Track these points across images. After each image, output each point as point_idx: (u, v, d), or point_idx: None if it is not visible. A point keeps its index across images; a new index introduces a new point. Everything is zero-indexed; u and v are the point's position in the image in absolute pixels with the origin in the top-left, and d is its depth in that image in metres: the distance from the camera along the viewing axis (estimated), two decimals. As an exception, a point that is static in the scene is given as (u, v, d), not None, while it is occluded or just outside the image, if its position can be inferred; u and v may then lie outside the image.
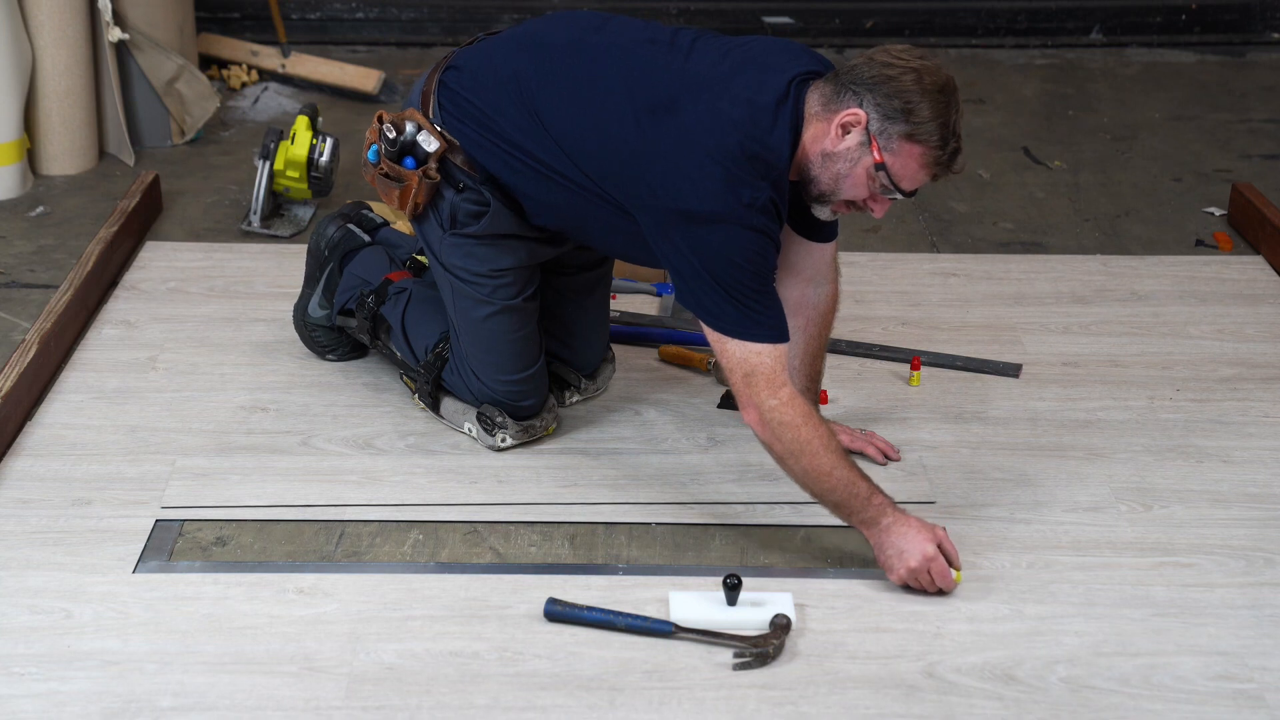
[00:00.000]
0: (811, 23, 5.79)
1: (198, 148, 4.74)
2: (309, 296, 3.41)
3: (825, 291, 3.06)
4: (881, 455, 3.10)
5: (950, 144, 2.66)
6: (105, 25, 4.45)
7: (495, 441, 3.10)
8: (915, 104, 2.62)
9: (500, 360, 3.07)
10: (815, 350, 3.08)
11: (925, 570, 2.66)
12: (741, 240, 2.68)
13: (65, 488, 2.98)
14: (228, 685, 2.48)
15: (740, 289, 2.69)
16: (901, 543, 2.67)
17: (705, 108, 2.71)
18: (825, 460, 2.68)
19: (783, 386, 2.70)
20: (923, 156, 2.66)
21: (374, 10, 5.72)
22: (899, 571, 2.68)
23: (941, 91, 2.63)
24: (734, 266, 2.69)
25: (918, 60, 2.65)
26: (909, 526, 2.68)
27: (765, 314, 2.72)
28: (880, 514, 2.68)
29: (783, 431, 2.69)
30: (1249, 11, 5.85)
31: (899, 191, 2.70)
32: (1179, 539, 2.89)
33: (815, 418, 2.71)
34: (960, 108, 2.67)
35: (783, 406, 2.69)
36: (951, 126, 2.65)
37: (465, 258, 3.00)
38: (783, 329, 2.74)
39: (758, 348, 2.71)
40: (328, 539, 2.87)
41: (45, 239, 4.07)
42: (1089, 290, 3.87)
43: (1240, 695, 2.50)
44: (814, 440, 2.68)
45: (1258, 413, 3.32)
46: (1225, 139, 4.98)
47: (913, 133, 2.63)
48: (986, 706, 2.47)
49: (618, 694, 2.48)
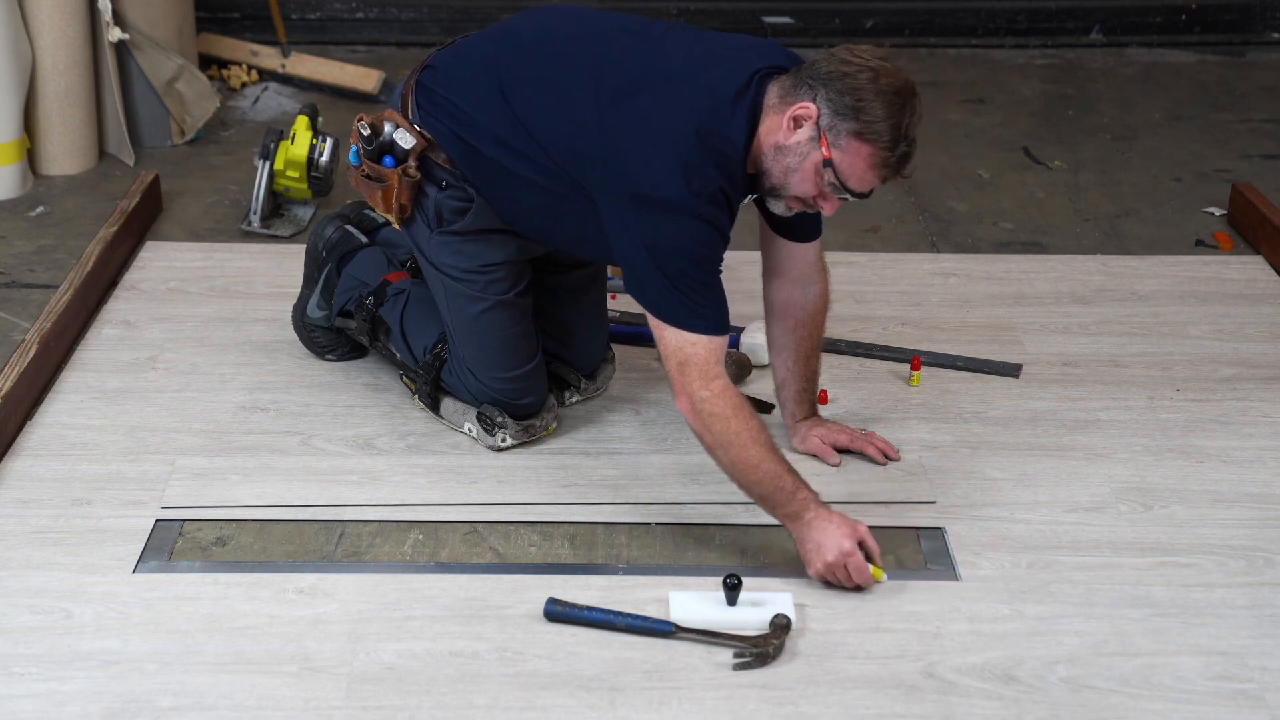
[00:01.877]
0: (811, 23, 5.79)
1: (198, 148, 4.74)
2: (308, 297, 3.42)
3: (813, 292, 3.06)
4: (881, 455, 3.10)
5: (900, 146, 2.63)
6: (105, 25, 4.45)
7: (495, 441, 3.10)
8: (867, 102, 2.61)
9: (496, 357, 3.07)
10: (808, 351, 3.08)
11: (841, 565, 2.67)
12: (688, 229, 2.69)
13: (65, 488, 2.98)
14: (228, 685, 2.48)
15: (681, 278, 2.70)
16: (821, 537, 2.69)
17: (667, 95, 2.73)
18: (753, 453, 2.70)
19: (716, 378, 2.72)
20: (871, 156, 2.64)
21: (374, 10, 5.72)
22: (816, 566, 2.69)
23: (897, 94, 2.62)
24: (677, 255, 2.70)
25: (877, 60, 2.64)
26: (830, 522, 2.69)
27: (705, 305, 2.72)
28: (804, 509, 2.70)
29: (713, 422, 2.71)
30: (1249, 11, 5.85)
31: (846, 190, 2.69)
32: (1179, 539, 2.89)
33: (746, 411, 2.72)
34: (919, 113, 2.65)
35: (714, 398, 2.71)
36: (903, 129, 2.62)
37: (454, 255, 3.01)
38: (721, 322, 2.75)
39: (693, 338, 2.72)
40: (328, 539, 2.87)
41: (45, 239, 4.07)
42: (1089, 290, 3.87)
43: (1240, 695, 2.50)
44: (743, 433, 2.70)
45: (1258, 413, 3.32)
46: (1225, 139, 4.98)
47: (861, 131, 2.62)
48: (986, 706, 2.47)
49: (618, 694, 2.48)
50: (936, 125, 5.08)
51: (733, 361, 3.38)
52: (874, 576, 2.71)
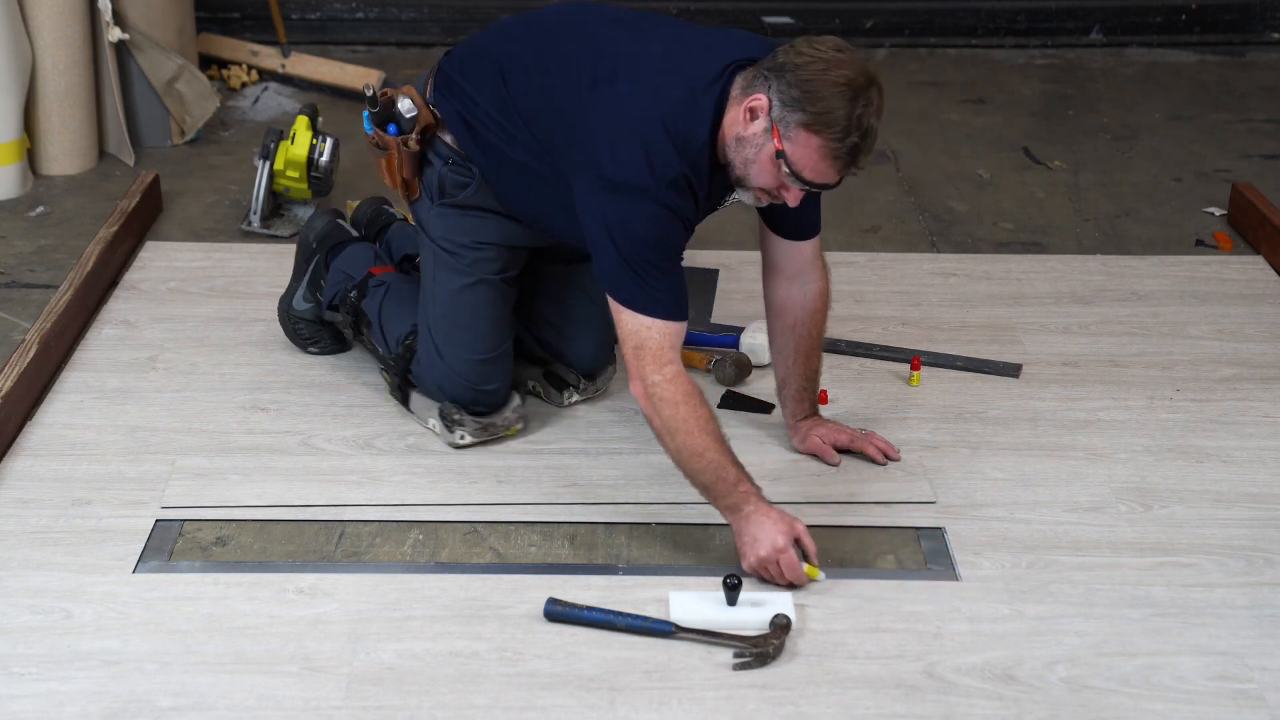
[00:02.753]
0: (811, 23, 5.79)
1: (198, 148, 4.74)
2: (295, 289, 3.45)
3: (812, 290, 3.06)
4: (881, 455, 3.10)
5: (850, 138, 2.62)
6: (105, 25, 4.45)
7: (455, 438, 3.11)
8: (815, 93, 2.61)
9: (467, 337, 3.08)
10: (808, 349, 3.08)
11: (774, 561, 2.68)
12: (649, 214, 2.71)
13: (65, 488, 2.98)
14: (228, 685, 2.48)
15: (640, 262, 2.72)
16: (757, 531, 2.70)
17: (641, 82, 2.75)
18: (699, 441, 2.71)
19: (669, 364, 2.73)
20: (821, 147, 2.64)
21: (374, 10, 5.72)
22: (750, 560, 2.71)
23: (847, 85, 2.61)
24: (637, 239, 2.72)
25: (833, 52, 2.63)
26: (767, 517, 2.70)
27: (662, 290, 2.74)
28: (743, 501, 2.72)
29: (662, 407, 2.73)
30: (1249, 11, 5.85)
31: (802, 182, 2.69)
32: (1179, 539, 2.89)
33: (696, 399, 2.73)
34: (875, 104, 2.64)
35: (665, 383, 2.72)
36: (854, 120, 2.61)
37: (449, 229, 3.06)
38: (677, 308, 2.76)
39: (649, 322, 2.73)
40: (328, 539, 2.87)
41: (45, 239, 4.07)
42: (1089, 290, 3.87)
43: (1240, 695, 2.50)
44: (690, 420, 2.71)
45: (1258, 413, 3.32)
46: (1225, 139, 4.98)
47: (809, 122, 2.62)
48: (986, 706, 2.47)
49: (618, 694, 2.48)
50: (936, 125, 5.08)
51: (733, 361, 3.38)
52: (809, 575, 2.71)
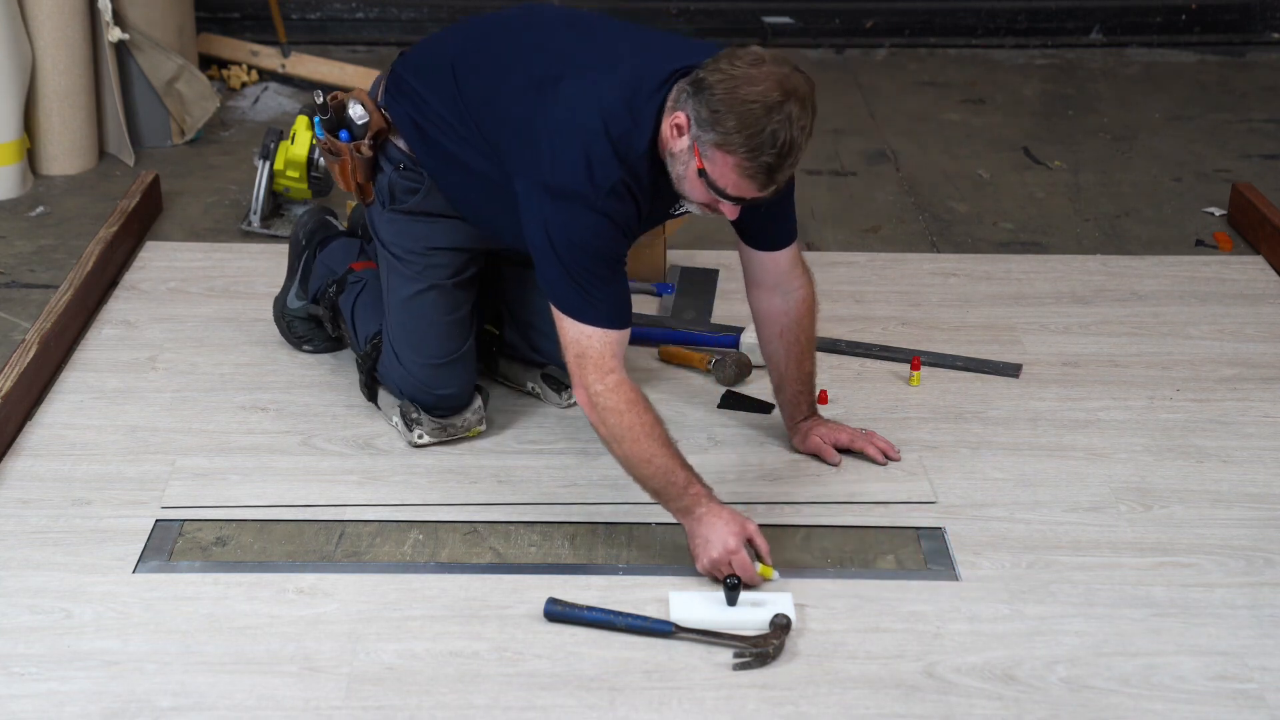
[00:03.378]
0: (811, 23, 5.79)
1: (198, 148, 4.74)
2: (289, 288, 3.46)
3: (795, 298, 3.04)
4: (881, 455, 3.10)
5: (762, 156, 2.56)
6: (105, 25, 4.45)
7: (413, 438, 3.11)
8: (723, 114, 2.57)
9: (422, 342, 3.08)
10: (799, 355, 3.07)
11: (726, 562, 2.68)
12: (586, 221, 2.70)
13: (65, 488, 2.98)
14: (228, 685, 2.48)
15: (579, 269, 2.71)
16: (709, 533, 2.70)
17: (584, 86, 2.74)
18: (645, 447, 2.71)
19: (610, 373, 2.73)
20: (736, 166, 2.60)
21: (374, 10, 5.72)
22: (702, 561, 2.71)
23: (759, 102, 2.55)
24: (576, 247, 2.71)
25: (746, 67, 2.58)
26: (719, 518, 2.70)
27: (602, 299, 2.73)
28: (695, 503, 2.72)
29: (606, 415, 2.72)
30: (1249, 11, 5.85)
31: (728, 198, 2.65)
32: (1179, 539, 2.89)
33: (640, 405, 2.73)
34: (792, 117, 2.55)
35: (608, 392, 2.72)
36: (766, 137, 2.55)
37: (400, 234, 3.06)
38: (618, 316, 2.75)
39: (589, 330, 2.73)
40: (328, 539, 2.87)
41: (45, 239, 4.07)
42: (1089, 290, 3.87)
43: (1240, 695, 2.49)
44: (636, 427, 2.71)
45: (1258, 413, 3.32)
46: (1225, 139, 4.98)
47: (720, 142, 2.58)
48: (986, 706, 2.46)
49: (618, 694, 2.48)
50: (936, 125, 5.08)
51: (733, 361, 3.38)
52: (763, 575, 2.71)
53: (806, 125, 2.59)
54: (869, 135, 4.97)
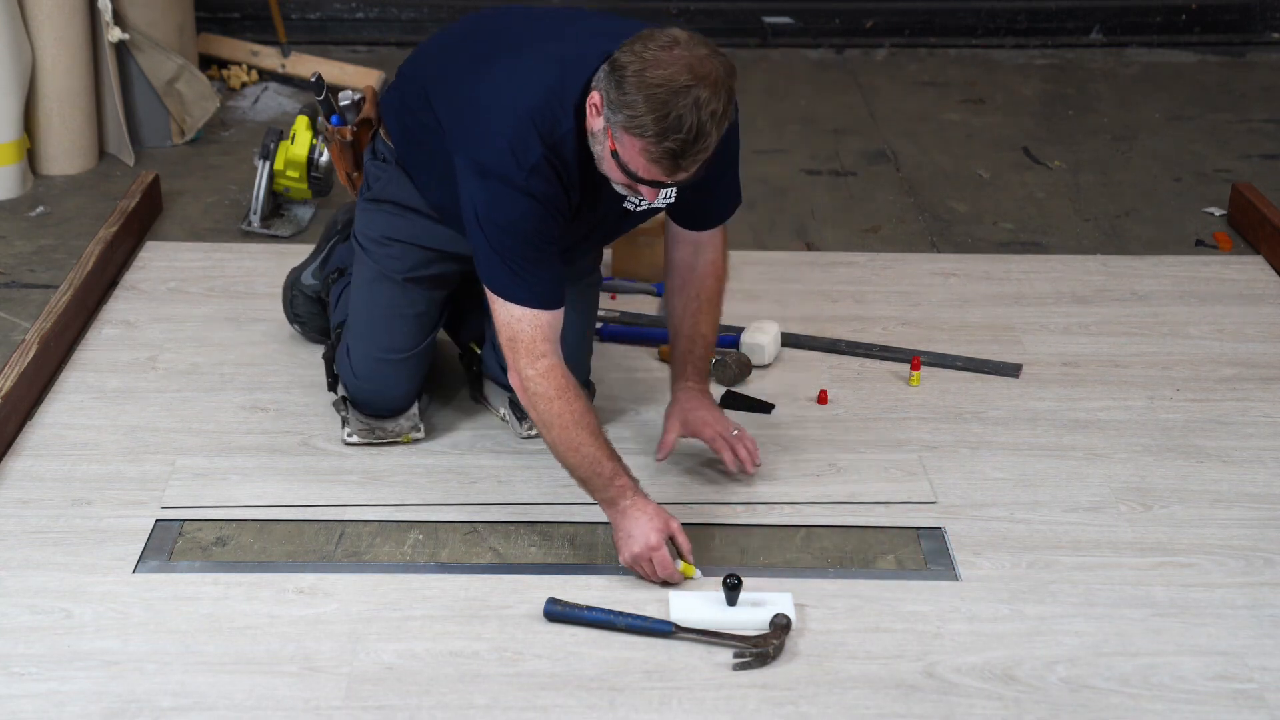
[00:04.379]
0: (811, 23, 5.79)
1: (198, 148, 4.74)
2: (309, 264, 3.48)
3: (705, 258, 2.99)
4: (735, 464, 2.99)
5: (666, 141, 2.52)
6: (105, 25, 4.45)
7: (343, 435, 3.12)
8: (630, 96, 2.53)
9: (366, 332, 3.08)
10: (694, 312, 3.00)
11: (647, 558, 2.69)
12: (510, 201, 2.69)
13: (65, 488, 2.98)
14: (228, 685, 2.48)
15: (507, 250, 2.71)
16: (631, 527, 2.70)
17: (518, 64, 2.73)
18: (573, 435, 2.71)
19: (542, 357, 2.72)
20: (643, 150, 2.56)
21: (374, 10, 5.72)
22: (624, 555, 2.71)
23: (665, 85, 2.51)
24: (502, 228, 2.70)
25: (657, 50, 2.54)
26: (643, 513, 2.70)
27: (532, 279, 2.72)
28: (620, 496, 2.72)
29: (537, 401, 2.72)
30: (1249, 11, 5.85)
31: (640, 181, 2.61)
32: (1179, 539, 2.89)
33: (571, 392, 2.72)
34: (701, 101, 2.49)
35: (539, 377, 2.72)
36: (671, 122, 2.50)
37: (365, 224, 3.09)
38: (548, 297, 2.73)
39: (519, 312, 2.72)
40: (328, 539, 2.87)
41: (45, 239, 4.07)
42: (1089, 290, 3.87)
43: (1240, 695, 2.50)
44: (565, 414, 2.71)
45: (1258, 413, 3.32)
46: (1225, 139, 4.98)
47: (627, 125, 2.55)
48: (986, 706, 2.46)
49: (618, 694, 2.48)
50: (936, 125, 5.08)
51: (733, 361, 3.38)
52: (684, 573, 2.71)
53: (718, 110, 2.52)
54: (869, 135, 4.97)
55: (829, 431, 3.22)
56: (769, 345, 3.45)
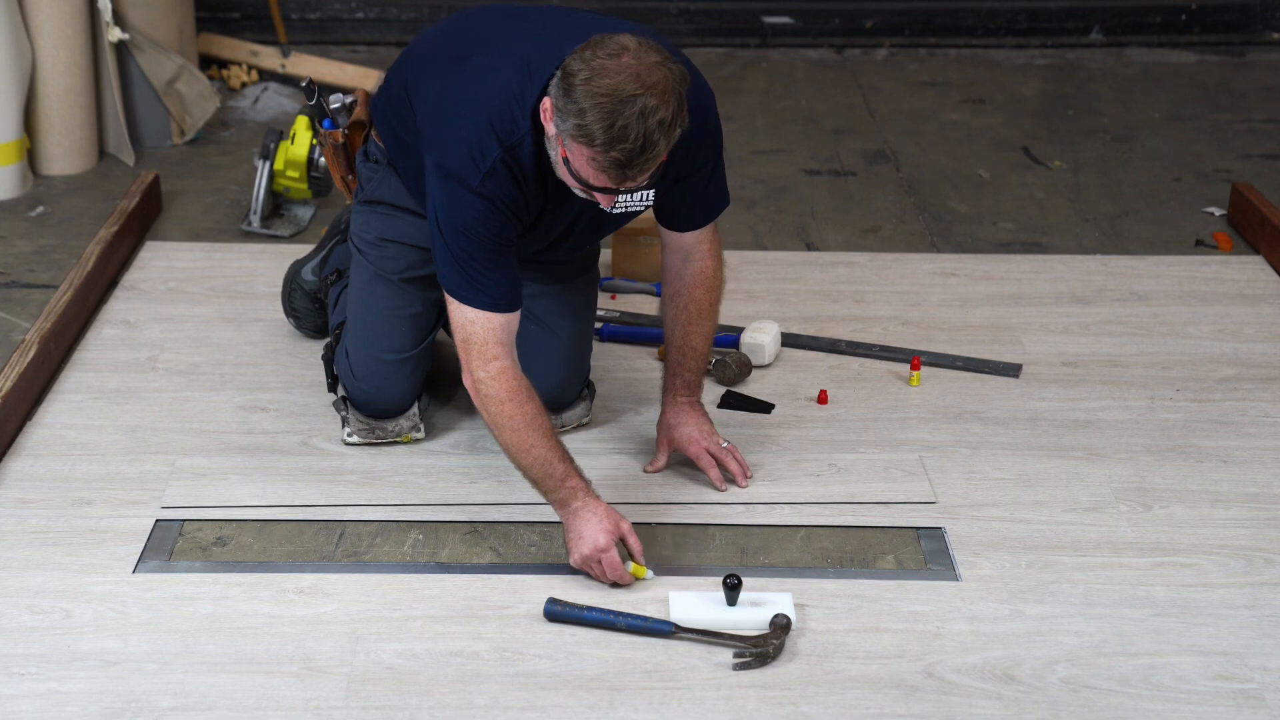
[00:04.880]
0: (811, 23, 5.79)
1: (198, 148, 4.74)
2: (310, 260, 3.48)
3: (695, 267, 2.97)
4: (721, 482, 3.00)
5: (611, 151, 2.49)
6: (105, 25, 4.45)
7: (343, 435, 3.12)
8: (578, 104, 2.51)
9: (365, 334, 3.08)
10: (685, 322, 2.99)
11: (596, 559, 2.69)
12: (466, 203, 2.68)
13: (65, 488, 2.98)
14: (228, 685, 2.48)
15: (462, 252, 2.71)
16: (582, 528, 2.70)
17: (485, 64, 2.72)
18: (525, 437, 2.71)
19: (494, 359, 2.72)
20: (590, 159, 2.55)
21: (374, 10, 5.72)
22: (574, 556, 2.72)
23: (610, 95, 2.48)
24: (458, 230, 2.70)
25: (605, 58, 2.52)
26: (594, 514, 2.70)
27: (486, 282, 2.71)
28: (571, 497, 2.72)
29: (488, 404, 2.73)
30: (1249, 11, 5.85)
31: (592, 188, 2.60)
32: (1179, 539, 2.89)
33: (522, 395, 2.72)
34: (647, 111, 2.47)
35: (491, 379, 2.72)
36: (617, 132, 2.47)
37: (361, 225, 3.09)
38: (502, 301, 2.73)
39: (473, 314, 2.72)
40: (328, 539, 2.87)
41: (45, 239, 4.07)
42: (1089, 290, 3.87)
43: (1240, 695, 2.50)
44: (516, 416, 2.71)
45: (1258, 413, 3.32)
46: (1225, 139, 4.98)
47: (574, 133, 2.53)
48: (986, 706, 2.47)
49: (618, 694, 2.48)
50: (936, 125, 5.08)
51: (733, 361, 3.38)
52: (634, 574, 2.71)
53: (666, 118, 2.49)
54: (869, 135, 4.97)
55: (829, 431, 3.22)
56: (769, 345, 3.45)
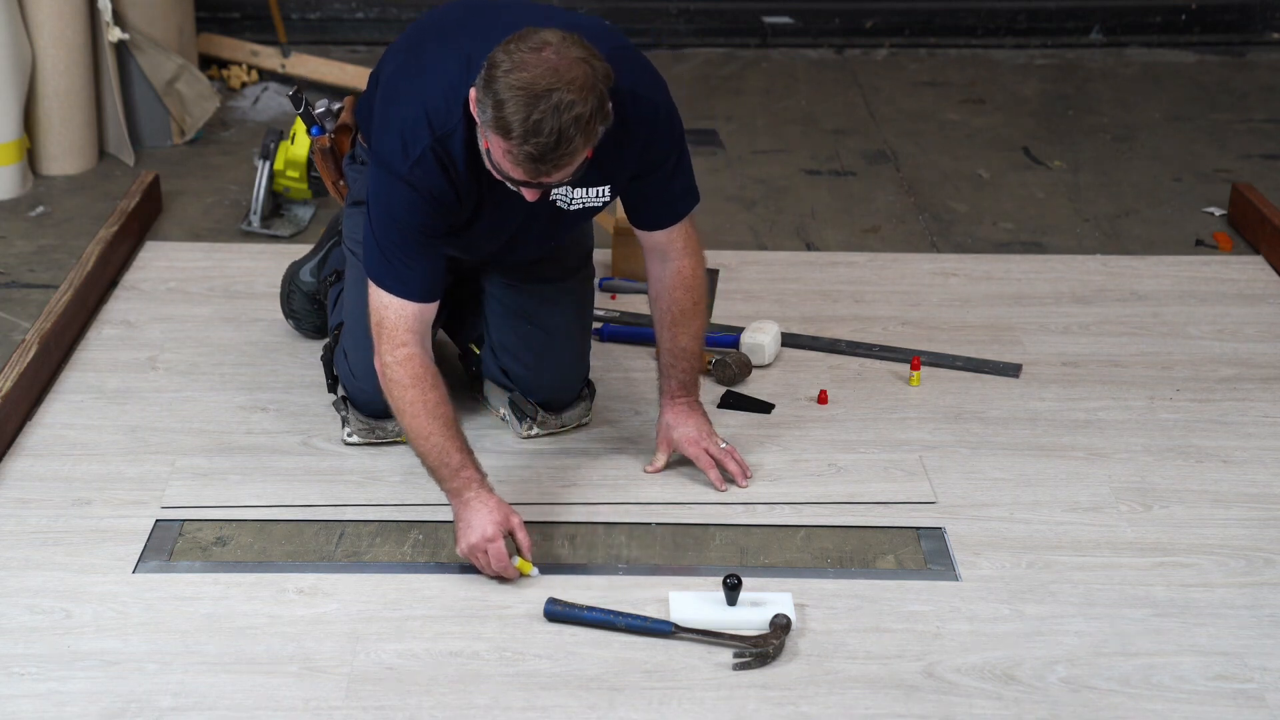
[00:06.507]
0: (811, 23, 5.79)
1: (198, 148, 4.74)
2: (308, 261, 3.49)
3: (671, 268, 2.97)
4: (721, 482, 3.00)
5: (525, 145, 2.49)
6: (105, 25, 4.45)
7: (343, 435, 3.12)
8: (495, 96, 2.50)
9: (365, 334, 3.03)
10: (670, 323, 2.99)
11: (482, 549, 2.70)
12: (392, 190, 2.70)
13: (65, 488, 2.98)
14: (228, 685, 2.48)
15: (384, 238, 2.73)
16: (472, 517, 2.71)
17: (434, 54, 2.73)
18: (424, 425, 2.72)
19: (402, 345, 2.74)
20: (505, 151, 2.54)
21: (374, 10, 5.72)
22: (461, 545, 2.73)
23: (525, 89, 2.47)
24: (382, 217, 2.72)
25: (526, 52, 2.49)
26: (485, 505, 2.71)
27: (403, 270, 2.73)
28: (464, 487, 2.73)
29: (393, 388, 2.74)
30: (1249, 11, 5.85)
31: (513, 181, 2.59)
32: (1179, 539, 2.89)
33: (427, 383, 2.73)
34: (563, 108, 2.46)
35: (397, 364, 2.74)
36: (530, 126, 2.47)
37: (352, 227, 3.10)
38: (417, 290, 2.74)
39: (387, 299, 2.74)
40: (328, 539, 2.87)
41: (45, 239, 4.07)
42: (1089, 290, 3.87)
43: (1240, 695, 2.50)
44: (416, 403, 2.72)
45: (1258, 413, 3.32)
46: (1225, 139, 4.98)
47: (490, 125, 2.53)
48: (986, 706, 2.47)
49: (618, 694, 2.48)
50: (936, 125, 5.08)
51: (733, 361, 3.38)
52: (520, 569, 2.72)
53: (583, 114, 2.48)
54: (869, 135, 4.97)
55: (829, 431, 3.22)
56: (769, 345, 3.45)
